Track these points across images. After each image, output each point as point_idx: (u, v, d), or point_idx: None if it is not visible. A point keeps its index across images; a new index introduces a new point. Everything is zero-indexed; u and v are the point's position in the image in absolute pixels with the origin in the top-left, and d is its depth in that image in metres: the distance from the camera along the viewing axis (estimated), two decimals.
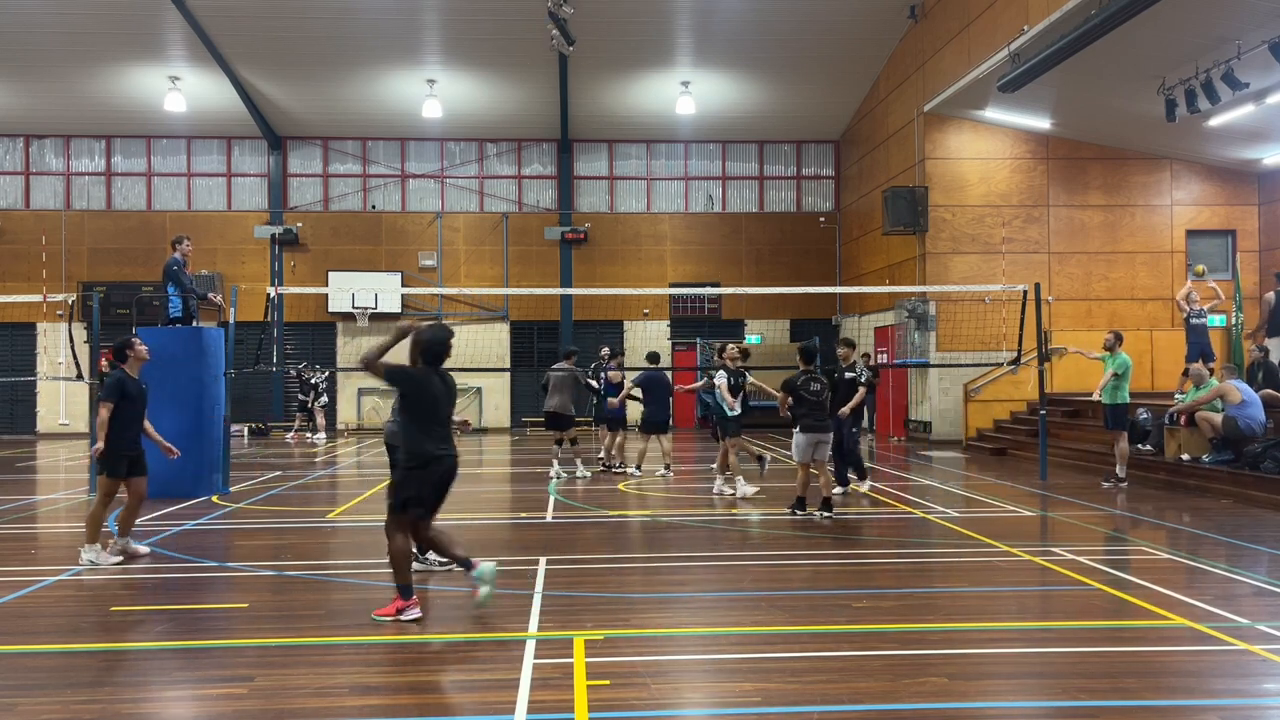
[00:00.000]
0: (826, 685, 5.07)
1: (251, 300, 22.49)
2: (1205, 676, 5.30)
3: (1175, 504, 11.57)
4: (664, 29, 22.05)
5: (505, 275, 26.22)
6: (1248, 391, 12.48)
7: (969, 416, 20.10)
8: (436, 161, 26.69)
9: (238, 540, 9.60)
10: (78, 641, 6.01)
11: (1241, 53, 14.57)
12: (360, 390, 26.13)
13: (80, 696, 4.99)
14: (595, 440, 18.30)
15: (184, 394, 12.43)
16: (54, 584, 7.54)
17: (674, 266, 26.73)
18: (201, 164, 26.34)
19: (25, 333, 25.46)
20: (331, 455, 19.11)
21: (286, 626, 6.30)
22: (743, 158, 27.17)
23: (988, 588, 7.29)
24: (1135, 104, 17.84)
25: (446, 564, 7.60)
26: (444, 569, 7.77)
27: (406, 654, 5.79)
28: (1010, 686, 5.17)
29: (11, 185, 26.02)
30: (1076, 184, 20.89)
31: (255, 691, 5.04)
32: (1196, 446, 13.08)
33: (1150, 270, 20.97)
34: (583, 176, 26.91)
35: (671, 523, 10.38)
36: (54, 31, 21.49)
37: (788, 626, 6.21)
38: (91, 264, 25.71)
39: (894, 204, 20.43)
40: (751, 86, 24.32)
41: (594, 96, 24.65)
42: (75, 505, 12.04)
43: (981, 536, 9.31)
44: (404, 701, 5.01)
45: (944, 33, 19.59)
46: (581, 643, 5.80)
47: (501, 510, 11.83)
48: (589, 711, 4.69)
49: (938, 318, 20.46)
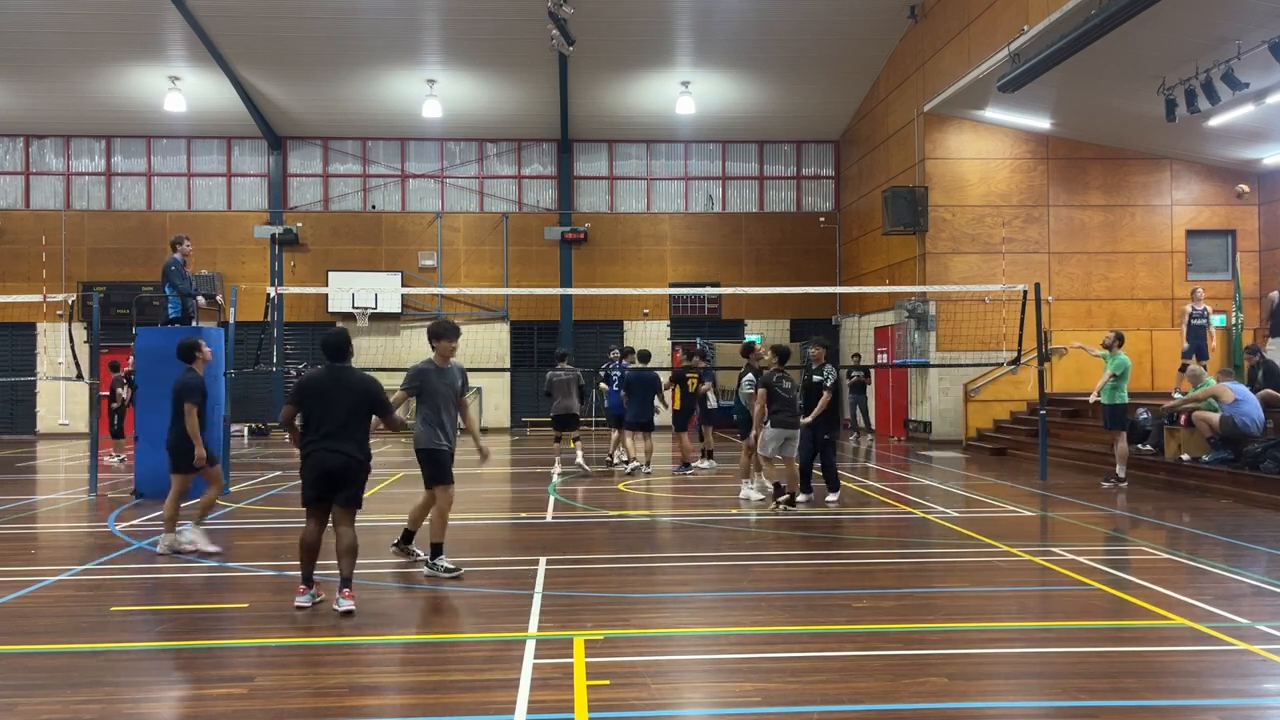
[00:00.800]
0: (826, 685, 5.07)
1: (251, 300, 22.49)
2: (1205, 676, 5.30)
3: (1175, 504, 11.57)
4: (664, 29, 22.05)
5: (505, 275, 26.22)
6: (1242, 390, 12.48)
7: (969, 416, 20.10)
8: (436, 161, 26.69)
9: (238, 540, 9.60)
10: (78, 641, 6.01)
11: (1241, 53, 14.56)
12: None
13: (80, 696, 4.99)
14: (597, 439, 18.31)
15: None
16: (54, 584, 7.54)
17: (674, 266, 26.73)
18: (201, 164, 26.33)
19: (25, 333, 25.45)
20: None
21: (286, 626, 6.30)
22: (743, 158, 27.17)
23: (988, 588, 7.30)
24: (1135, 104, 17.83)
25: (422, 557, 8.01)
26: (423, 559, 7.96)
27: (406, 654, 5.79)
28: (1010, 686, 5.17)
29: (11, 185, 26.02)
30: (1076, 184, 20.89)
31: (255, 691, 5.04)
32: (1196, 446, 13.08)
33: (1150, 270, 20.97)
34: (583, 176, 26.91)
35: (671, 523, 10.38)
36: (54, 31, 21.49)
37: (788, 626, 6.22)
38: (91, 264, 25.70)
39: (894, 204, 20.43)
40: (751, 86, 24.32)
41: (594, 96, 24.65)
42: (75, 505, 12.04)
43: (981, 536, 9.32)
44: (404, 701, 5.01)
45: (944, 33, 19.59)
46: (581, 643, 5.80)
47: (501, 510, 11.83)
48: (589, 711, 4.69)
49: (938, 318, 20.46)
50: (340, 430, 6.69)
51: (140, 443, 12.64)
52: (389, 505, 11.94)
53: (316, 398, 6.78)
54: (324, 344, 6.99)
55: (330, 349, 6.94)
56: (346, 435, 6.70)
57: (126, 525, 10.31)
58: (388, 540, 8.73)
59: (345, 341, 7.00)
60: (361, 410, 6.83)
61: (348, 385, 6.82)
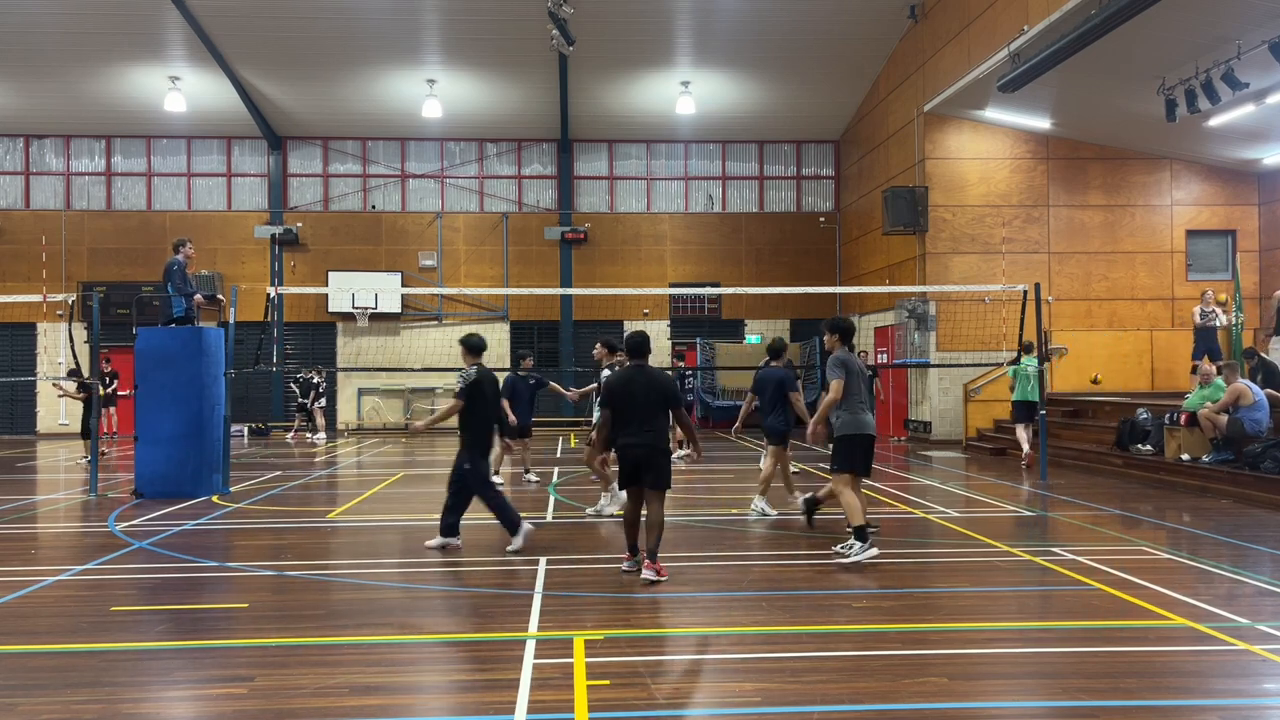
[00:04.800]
0: (826, 685, 5.07)
1: (251, 300, 22.51)
2: (1205, 676, 5.30)
3: (1175, 504, 11.57)
4: (664, 29, 22.05)
5: (505, 275, 26.23)
6: (1258, 393, 12.51)
7: (969, 416, 20.10)
8: (436, 161, 26.69)
9: (238, 540, 9.59)
10: (78, 641, 6.00)
11: (1241, 53, 14.56)
12: (360, 390, 26.14)
13: (80, 696, 4.99)
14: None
15: (184, 394, 12.45)
16: (54, 584, 7.54)
17: (674, 266, 26.73)
18: (201, 164, 26.34)
19: (25, 333, 25.46)
20: (331, 455, 19.11)
21: (286, 626, 6.30)
22: (743, 158, 27.18)
23: (988, 588, 7.30)
24: (1135, 104, 17.83)
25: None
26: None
27: (406, 654, 5.79)
28: (1010, 686, 5.16)
29: (11, 185, 26.02)
30: (1076, 184, 20.89)
31: (255, 691, 5.04)
32: (1196, 446, 13.09)
33: (1150, 270, 20.97)
34: (583, 176, 26.91)
35: (672, 523, 10.37)
36: (54, 31, 21.49)
37: (788, 626, 6.21)
38: (91, 264, 25.71)
39: (894, 204, 20.43)
40: (751, 86, 24.32)
41: (594, 96, 24.65)
42: (75, 505, 12.04)
43: (981, 536, 9.32)
44: (404, 701, 5.01)
45: (944, 33, 19.59)
46: (581, 643, 5.80)
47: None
48: (589, 711, 4.69)
49: (938, 318, 20.46)
50: (644, 422, 7.59)
51: (140, 443, 12.62)
52: (389, 505, 11.94)
53: (623, 397, 7.64)
54: (626, 343, 7.91)
55: (633, 349, 7.81)
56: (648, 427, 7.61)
57: (126, 525, 10.30)
58: (387, 540, 8.72)
59: (644, 341, 7.90)
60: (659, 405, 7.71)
61: (647, 383, 7.72)
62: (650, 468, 7.53)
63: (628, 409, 7.60)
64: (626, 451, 7.60)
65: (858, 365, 8.42)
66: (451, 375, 25.79)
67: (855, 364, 8.39)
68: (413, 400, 26.17)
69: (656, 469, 7.54)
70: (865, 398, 8.45)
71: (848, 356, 8.41)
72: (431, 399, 26.21)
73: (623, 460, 7.67)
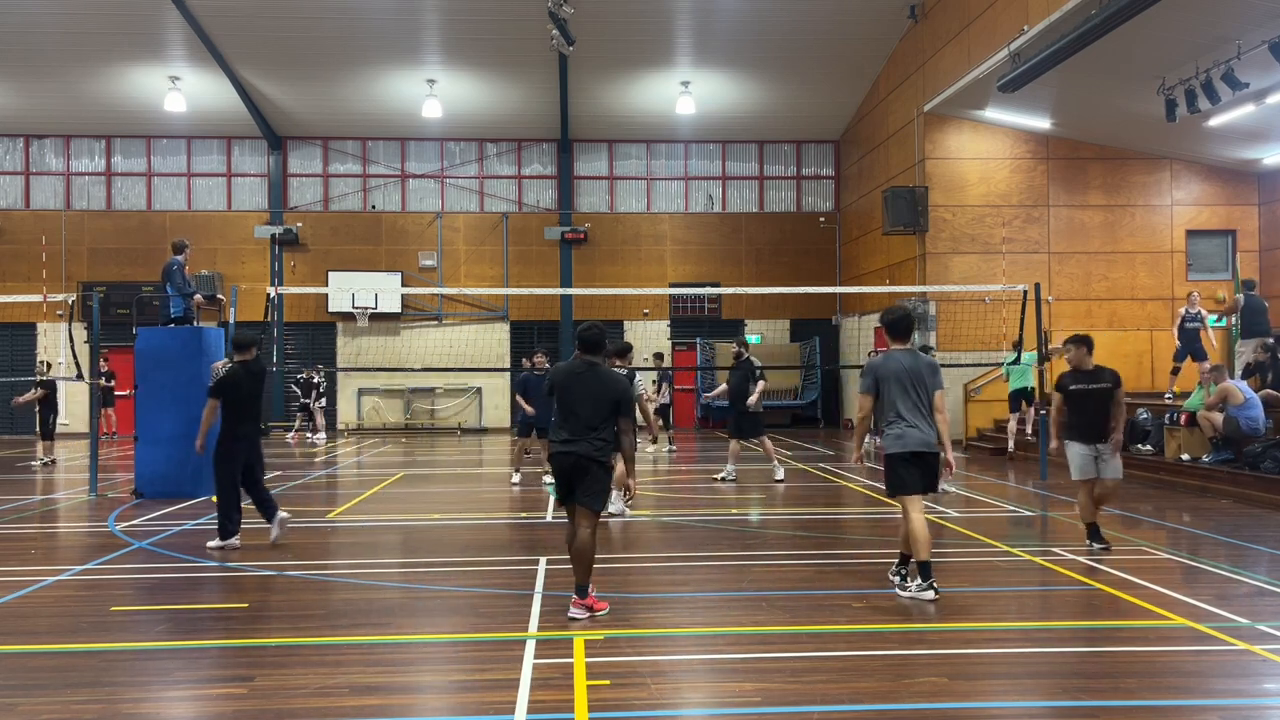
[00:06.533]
0: (826, 685, 5.07)
1: (251, 300, 22.49)
2: (1205, 676, 5.30)
3: (1175, 504, 11.57)
4: (664, 29, 22.05)
5: (505, 275, 26.23)
6: (1248, 391, 12.52)
7: (969, 416, 20.10)
8: (436, 161, 26.69)
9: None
10: (78, 641, 6.00)
11: (1241, 53, 14.56)
12: (360, 390, 26.15)
13: (80, 696, 4.99)
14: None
15: (184, 394, 12.43)
16: (54, 584, 7.54)
17: (674, 266, 26.73)
18: (201, 164, 26.34)
19: (25, 333, 25.46)
20: (331, 455, 19.11)
21: (286, 626, 6.30)
22: (743, 158, 27.17)
23: (988, 588, 7.29)
24: (1135, 104, 17.83)
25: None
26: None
27: (406, 654, 5.79)
28: (1010, 686, 5.16)
29: (11, 185, 26.02)
30: (1076, 184, 20.89)
31: (255, 691, 5.04)
32: (1196, 446, 13.09)
33: (1150, 270, 20.96)
34: (583, 176, 26.91)
35: (672, 523, 10.38)
36: (54, 31, 21.49)
37: (788, 626, 6.21)
38: (91, 264, 25.71)
39: (894, 204, 20.43)
40: (751, 86, 24.32)
41: (594, 96, 24.64)
42: (75, 505, 12.04)
43: (981, 536, 9.32)
44: (404, 701, 5.01)
45: (944, 33, 19.59)
46: (581, 643, 5.80)
47: (501, 510, 11.82)
48: (589, 711, 4.69)
49: (938, 318, 20.46)
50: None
51: (140, 443, 12.62)
52: (389, 505, 11.94)
53: (563, 390, 6.62)
54: (579, 336, 6.70)
55: (586, 343, 6.65)
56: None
57: (126, 525, 10.30)
58: (387, 540, 8.71)
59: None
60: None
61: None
62: (581, 480, 6.39)
63: (565, 407, 6.50)
64: (557, 458, 6.48)
65: (895, 369, 6.98)
66: (452, 375, 25.98)
67: (889, 369, 6.99)
68: (413, 400, 26.18)
69: (588, 482, 6.37)
70: (909, 405, 6.94)
71: (879, 362, 7.12)
72: (431, 399, 26.22)
73: (553, 468, 6.58)
